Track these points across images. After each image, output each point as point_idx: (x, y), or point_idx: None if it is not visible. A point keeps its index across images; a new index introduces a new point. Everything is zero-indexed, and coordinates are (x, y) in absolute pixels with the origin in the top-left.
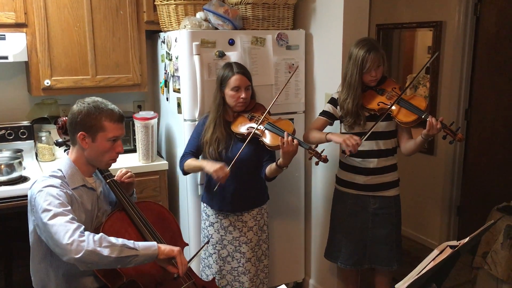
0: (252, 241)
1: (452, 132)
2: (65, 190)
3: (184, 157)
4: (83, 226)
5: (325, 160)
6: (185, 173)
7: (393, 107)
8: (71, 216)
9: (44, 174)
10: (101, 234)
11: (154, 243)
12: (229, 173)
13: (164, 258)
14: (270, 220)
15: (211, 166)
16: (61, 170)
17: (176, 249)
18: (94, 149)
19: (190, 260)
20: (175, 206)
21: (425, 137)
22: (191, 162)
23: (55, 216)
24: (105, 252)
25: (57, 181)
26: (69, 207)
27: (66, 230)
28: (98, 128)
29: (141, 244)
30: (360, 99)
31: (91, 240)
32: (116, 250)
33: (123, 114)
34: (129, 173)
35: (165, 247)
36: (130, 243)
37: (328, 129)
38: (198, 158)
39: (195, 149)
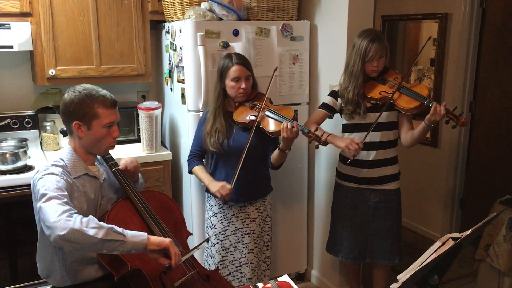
0: (255, 233)
1: (455, 117)
2: (65, 178)
3: (192, 159)
4: (75, 210)
5: (325, 143)
6: (191, 173)
7: (396, 95)
8: (65, 200)
9: (47, 164)
10: (90, 216)
11: (145, 233)
12: (232, 189)
13: (155, 248)
14: (273, 211)
15: (214, 186)
16: (63, 160)
17: (167, 239)
18: (91, 137)
19: (186, 254)
20: (178, 196)
21: (428, 123)
22: (198, 171)
23: (49, 199)
24: (91, 232)
25: (58, 170)
26: (66, 193)
27: (55, 210)
28: (92, 116)
29: (130, 232)
30: (361, 88)
31: (78, 220)
32: (102, 231)
33: (116, 99)
34: (134, 163)
35: (155, 238)
36: (120, 229)
37: (327, 122)
38: (205, 155)
39: (200, 147)
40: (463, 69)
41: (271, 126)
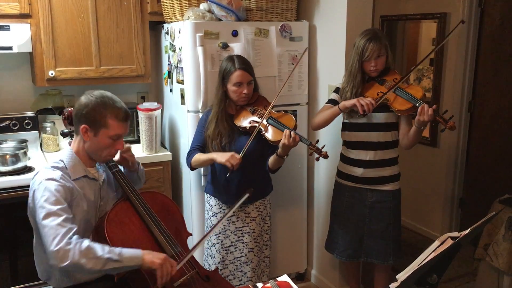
0: (255, 232)
1: (444, 120)
2: (63, 183)
3: (191, 153)
4: (75, 229)
5: (326, 156)
6: (192, 168)
7: (391, 96)
8: (64, 216)
9: (46, 165)
10: (88, 244)
11: (139, 253)
12: (241, 160)
13: (148, 267)
14: (273, 211)
15: (222, 157)
16: (63, 161)
17: (158, 261)
18: (95, 143)
19: (181, 262)
20: (178, 197)
21: (418, 125)
22: (199, 156)
23: (48, 215)
24: (89, 265)
25: (58, 174)
26: (65, 205)
27: (55, 235)
28: (101, 124)
29: (126, 255)
30: (359, 87)
31: (77, 251)
32: (100, 263)
33: (129, 113)
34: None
35: (149, 258)
36: (116, 254)
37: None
38: (205, 152)
39: (201, 144)
40: (462, 69)
41: (272, 134)
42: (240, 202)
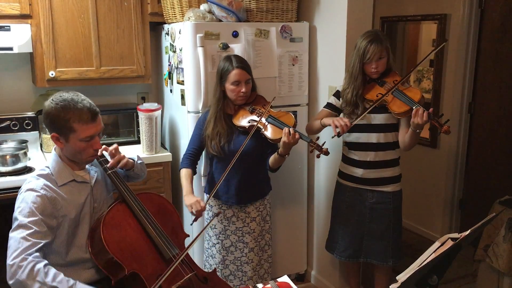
0: (255, 231)
1: (439, 124)
2: (43, 193)
3: (184, 160)
4: (40, 244)
5: (326, 152)
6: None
7: (389, 98)
8: (33, 230)
9: (33, 174)
10: (41, 267)
11: None
12: (205, 208)
13: None
14: (273, 212)
15: (188, 199)
16: (49, 167)
17: None
18: (70, 149)
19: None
20: (178, 197)
21: (413, 127)
22: (182, 176)
23: (17, 227)
24: (35, 287)
25: (40, 184)
26: (38, 217)
27: (15, 248)
28: (68, 130)
29: (81, 286)
30: (359, 89)
31: (27, 270)
32: None
33: (96, 111)
34: (117, 157)
35: None
36: (67, 286)
37: None
38: (200, 156)
39: (197, 146)
40: (462, 70)
41: (272, 133)
42: (209, 223)
